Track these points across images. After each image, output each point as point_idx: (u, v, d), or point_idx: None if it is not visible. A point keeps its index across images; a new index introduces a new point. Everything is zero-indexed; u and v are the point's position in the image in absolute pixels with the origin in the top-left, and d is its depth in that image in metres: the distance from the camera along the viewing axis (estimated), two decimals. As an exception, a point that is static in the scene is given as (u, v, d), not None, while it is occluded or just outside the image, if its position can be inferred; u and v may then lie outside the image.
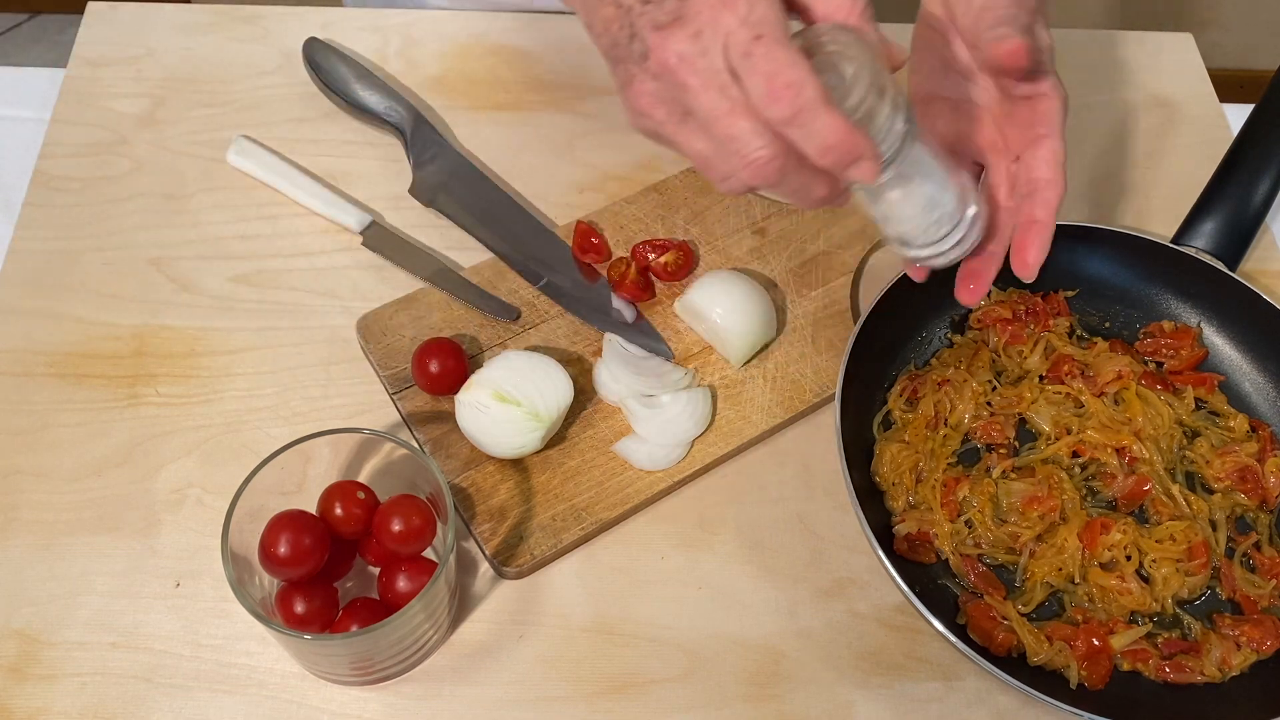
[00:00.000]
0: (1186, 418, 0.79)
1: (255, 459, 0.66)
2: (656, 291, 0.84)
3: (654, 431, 0.76)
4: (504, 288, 0.83)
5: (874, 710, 0.69)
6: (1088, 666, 0.69)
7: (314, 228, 0.87)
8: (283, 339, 0.81)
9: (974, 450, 0.78)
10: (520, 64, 0.98)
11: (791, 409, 0.79)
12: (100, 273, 0.83)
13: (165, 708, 0.67)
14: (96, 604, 0.70)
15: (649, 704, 0.69)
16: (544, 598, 0.72)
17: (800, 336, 0.83)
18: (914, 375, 0.80)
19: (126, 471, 0.75)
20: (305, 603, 0.66)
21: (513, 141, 0.93)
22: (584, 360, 0.80)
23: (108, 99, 0.92)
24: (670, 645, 0.71)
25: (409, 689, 0.69)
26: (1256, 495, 0.76)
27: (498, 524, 0.73)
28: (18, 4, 2.31)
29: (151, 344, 0.80)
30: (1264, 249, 0.91)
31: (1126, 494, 0.75)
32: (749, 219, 0.88)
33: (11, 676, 0.67)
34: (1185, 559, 0.72)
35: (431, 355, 0.76)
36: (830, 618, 0.72)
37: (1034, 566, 0.72)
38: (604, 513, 0.74)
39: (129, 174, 0.88)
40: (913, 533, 0.73)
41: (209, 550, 0.71)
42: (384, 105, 0.90)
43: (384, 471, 0.70)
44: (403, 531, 0.66)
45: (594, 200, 0.90)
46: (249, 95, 0.94)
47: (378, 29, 0.99)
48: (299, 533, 0.64)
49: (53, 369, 0.79)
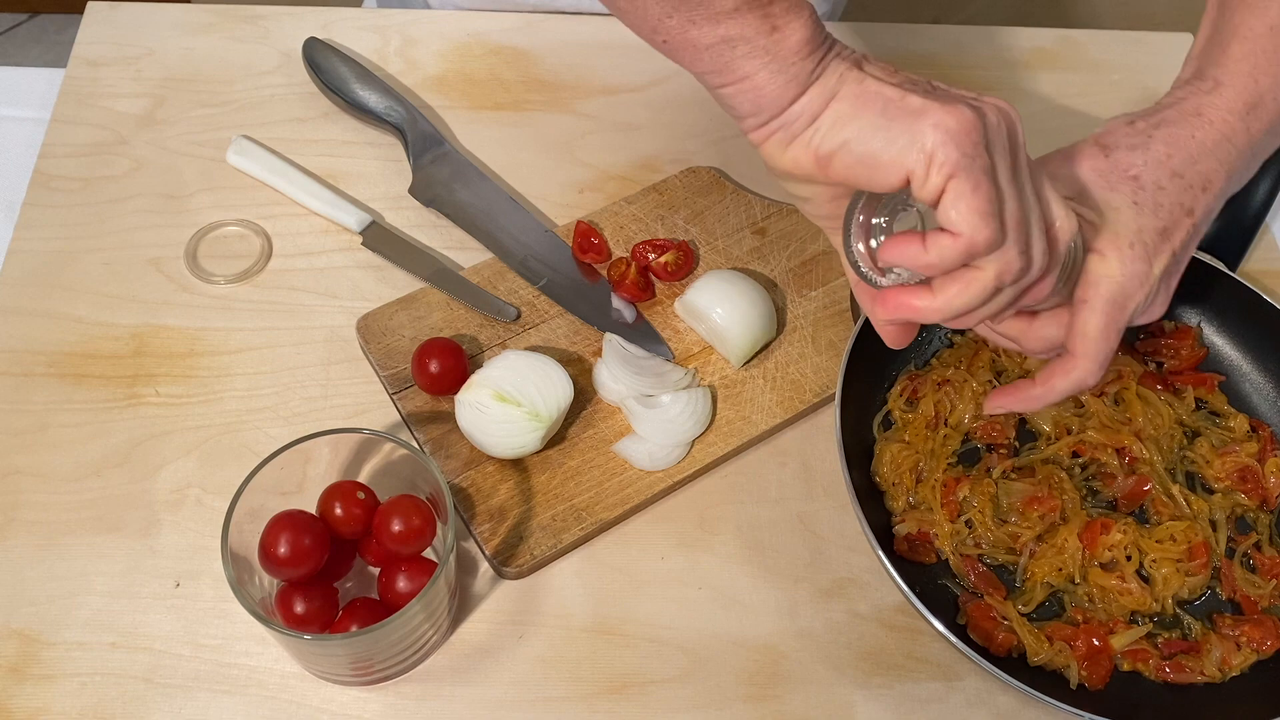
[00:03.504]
0: (1187, 418, 0.79)
1: (255, 459, 0.66)
2: (656, 291, 0.84)
3: (654, 431, 0.76)
4: (504, 288, 0.83)
5: (874, 710, 0.69)
6: (1088, 666, 0.69)
7: (314, 228, 0.87)
8: (282, 339, 0.81)
9: (974, 450, 0.78)
10: (520, 64, 0.98)
11: (791, 409, 0.79)
12: (100, 273, 0.83)
13: (165, 708, 0.67)
14: (96, 604, 0.70)
15: (649, 704, 0.69)
16: (544, 598, 0.72)
17: (800, 336, 0.83)
18: (914, 375, 0.80)
19: (126, 471, 0.75)
20: (305, 603, 0.66)
21: (513, 141, 0.93)
22: (584, 360, 0.80)
23: (108, 99, 0.92)
24: (670, 645, 0.71)
25: (409, 689, 0.69)
26: (1256, 495, 0.76)
27: (498, 524, 0.73)
28: (17, 4, 2.31)
29: (151, 344, 0.80)
30: (1264, 249, 0.91)
31: (1127, 494, 0.75)
32: (749, 219, 0.88)
33: (11, 676, 0.67)
34: (1185, 559, 0.72)
35: (431, 355, 0.76)
36: (830, 618, 0.72)
37: (1034, 566, 0.72)
38: (604, 513, 0.74)
39: (129, 174, 0.88)
40: (913, 533, 0.73)
41: (209, 550, 0.71)
42: (384, 105, 0.90)
43: (384, 471, 0.70)
44: (403, 531, 0.66)
45: (594, 200, 0.90)
46: (249, 95, 0.94)
47: (377, 29, 0.99)
48: (299, 533, 0.64)
49: (52, 369, 0.79)
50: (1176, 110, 0.64)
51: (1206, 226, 0.64)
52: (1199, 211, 0.62)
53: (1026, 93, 1.00)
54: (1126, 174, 0.61)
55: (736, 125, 0.55)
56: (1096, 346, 0.60)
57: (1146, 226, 0.60)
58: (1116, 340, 0.61)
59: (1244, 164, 0.63)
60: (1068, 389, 0.61)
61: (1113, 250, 0.60)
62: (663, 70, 0.97)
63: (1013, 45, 1.03)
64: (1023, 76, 1.01)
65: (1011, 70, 1.01)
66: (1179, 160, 0.62)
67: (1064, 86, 1.01)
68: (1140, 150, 0.62)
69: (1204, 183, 0.62)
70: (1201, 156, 0.62)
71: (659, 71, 0.97)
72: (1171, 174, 0.61)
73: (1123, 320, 0.60)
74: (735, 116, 0.54)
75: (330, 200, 0.86)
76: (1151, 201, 0.61)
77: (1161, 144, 0.62)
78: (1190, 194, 0.62)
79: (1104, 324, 0.60)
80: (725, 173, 0.91)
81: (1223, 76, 0.63)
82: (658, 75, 0.97)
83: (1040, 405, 0.63)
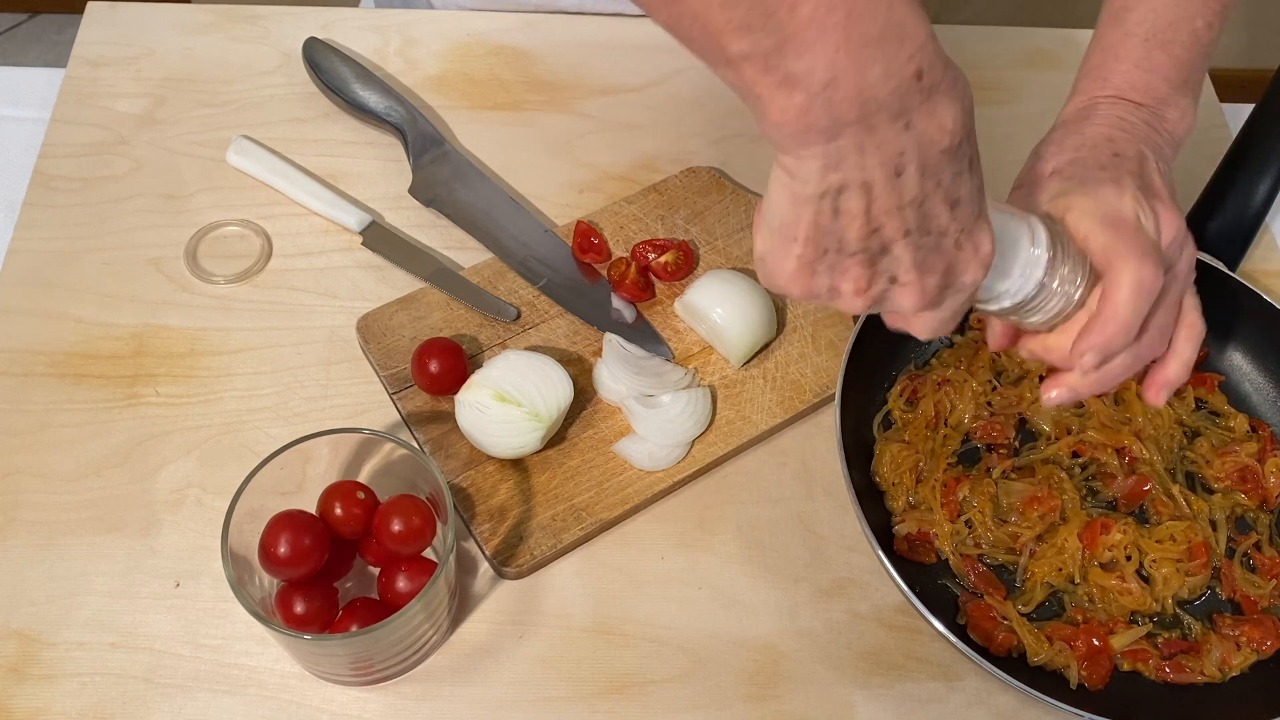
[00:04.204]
0: (1187, 418, 0.79)
1: (255, 459, 0.66)
2: (656, 291, 0.84)
3: (654, 431, 0.76)
4: (504, 288, 0.83)
5: (874, 710, 0.69)
6: (1088, 666, 0.69)
7: (314, 228, 0.87)
8: (282, 339, 0.81)
9: (974, 450, 0.78)
10: (520, 64, 0.98)
11: (791, 409, 0.79)
12: (100, 273, 0.83)
13: (165, 708, 0.67)
14: (96, 604, 0.70)
15: (649, 704, 0.69)
16: (544, 598, 0.72)
17: (800, 336, 0.83)
18: (914, 375, 0.80)
19: (126, 471, 0.75)
20: (305, 603, 0.66)
21: (513, 141, 0.93)
22: (584, 360, 0.80)
23: (108, 99, 0.92)
24: (670, 645, 0.71)
25: (409, 689, 0.69)
26: (1256, 495, 0.76)
27: (498, 524, 0.73)
28: (18, 4, 2.31)
29: (151, 344, 0.80)
30: (1264, 249, 0.91)
31: (1127, 494, 0.75)
32: (749, 219, 0.88)
33: (11, 676, 0.67)
34: (1185, 559, 0.72)
35: (431, 355, 0.76)
36: (830, 618, 0.72)
37: (1034, 566, 0.72)
38: (604, 513, 0.74)
39: (129, 174, 0.88)
40: (913, 533, 0.73)
41: (209, 550, 0.71)
42: (384, 105, 0.90)
43: (384, 471, 0.70)
44: (403, 531, 0.66)
45: (594, 200, 0.90)
46: (249, 95, 0.94)
47: (377, 29, 0.99)
48: (299, 533, 0.64)
49: (52, 369, 0.79)
50: (1050, 132, 0.70)
51: (1160, 171, 0.66)
52: (1126, 151, 0.66)
53: (1026, 93, 1.00)
54: (1042, 177, 0.66)
55: (739, 125, 0.55)
56: (1124, 246, 0.59)
57: (1089, 177, 0.64)
58: (1142, 239, 0.60)
59: (1141, 135, 0.68)
60: (1131, 296, 0.58)
61: (1076, 197, 0.62)
62: (663, 70, 0.97)
63: (1013, 45, 1.03)
64: (1023, 76, 1.01)
65: (1011, 70, 1.01)
66: (1070, 146, 0.67)
67: (1064, 86, 0.99)
68: (1035, 165, 0.67)
69: (1107, 141, 0.66)
70: (1089, 134, 0.67)
71: (659, 71, 0.97)
72: (1073, 150, 0.66)
73: (1128, 222, 0.60)
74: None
75: (330, 200, 0.86)
76: (1077, 170, 0.65)
77: (1047, 148, 0.68)
78: (1100, 150, 0.66)
79: (1113, 230, 0.59)
80: (725, 173, 0.91)
81: (1081, 85, 0.72)
82: (658, 75, 0.97)
83: (1122, 331, 0.59)
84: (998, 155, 0.56)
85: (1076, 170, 0.65)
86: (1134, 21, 0.70)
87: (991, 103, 0.98)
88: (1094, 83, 0.71)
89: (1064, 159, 0.66)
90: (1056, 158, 0.67)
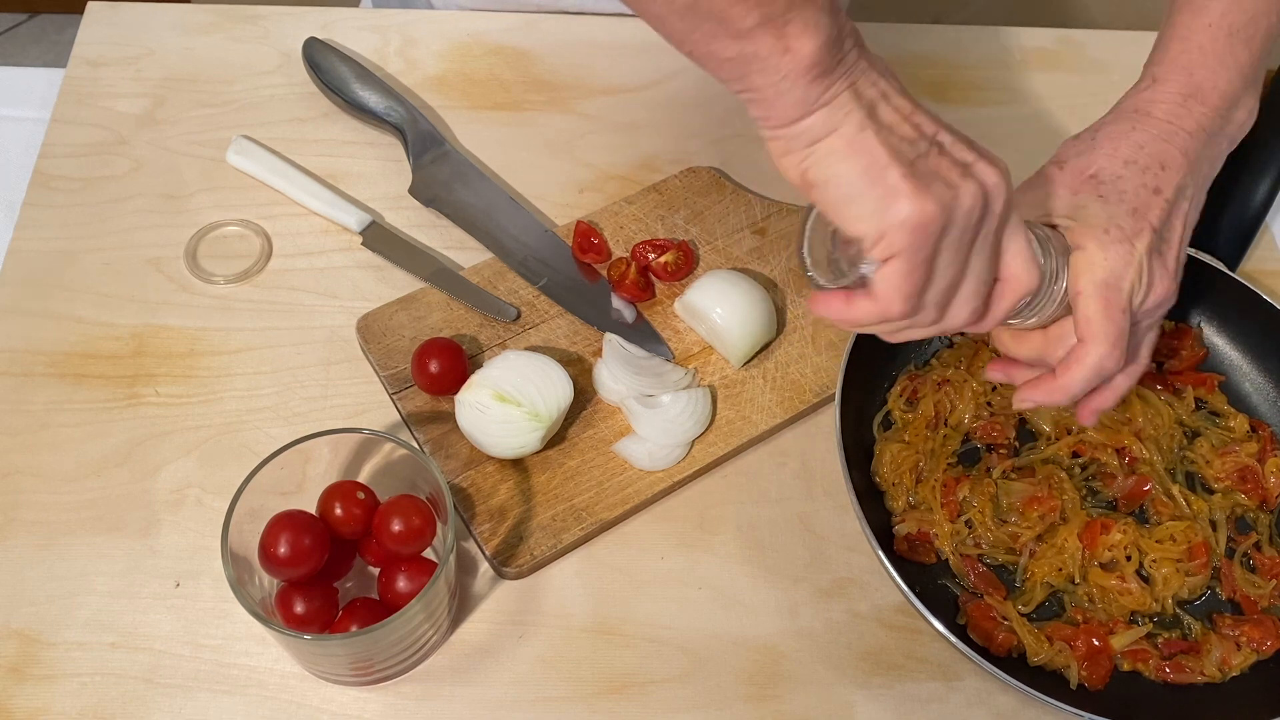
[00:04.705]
0: (1187, 418, 0.79)
1: (255, 459, 0.66)
2: (656, 291, 0.84)
3: (654, 431, 0.76)
4: (504, 288, 0.83)
5: (874, 710, 0.69)
6: (1088, 666, 0.69)
7: (314, 228, 0.87)
8: (282, 339, 0.81)
9: (974, 450, 0.78)
10: (520, 64, 0.98)
11: (791, 409, 0.79)
12: (100, 273, 0.83)
13: (165, 708, 0.67)
14: (96, 604, 0.70)
15: (649, 704, 0.69)
16: (544, 598, 0.72)
17: (800, 336, 0.83)
18: (914, 375, 0.80)
19: (126, 471, 0.75)
20: (305, 603, 0.66)
21: (513, 141, 0.93)
22: (584, 360, 0.80)
23: (107, 99, 0.92)
24: (670, 645, 0.71)
25: (409, 689, 0.69)
26: (1256, 495, 0.76)
27: (498, 524, 0.73)
28: (18, 4, 2.31)
29: (151, 344, 0.80)
30: (1264, 249, 0.91)
31: (1127, 494, 0.75)
32: (749, 219, 0.88)
33: (11, 676, 0.67)
34: (1185, 559, 0.72)
35: (431, 355, 0.76)
36: (830, 618, 0.72)
37: (1034, 566, 0.72)
38: (604, 513, 0.74)
39: (129, 174, 0.88)
40: (913, 533, 0.73)
41: (209, 550, 0.71)
42: (384, 105, 0.90)
43: (384, 471, 0.70)
44: (403, 531, 0.66)
45: (594, 200, 0.90)
46: (249, 95, 0.94)
47: (377, 29, 0.99)
48: (299, 533, 0.64)
49: (52, 369, 0.79)
50: (1115, 113, 0.69)
51: (1191, 205, 0.67)
52: (1167, 189, 0.65)
53: (1026, 93, 1.00)
54: (1084, 176, 0.66)
55: (739, 125, 0.57)
56: (1100, 327, 0.63)
57: (1116, 212, 0.64)
58: (1122, 320, 0.63)
59: (1202, 146, 0.67)
60: (1087, 375, 0.64)
61: (1090, 240, 0.63)
62: (663, 70, 0.97)
63: (1013, 45, 1.03)
64: (1023, 76, 1.01)
65: (1011, 70, 1.01)
66: (1126, 150, 0.66)
67: (1064, 86, 1.01)
68: (1088, 154, 0.67)
69: (1160, 163, 0.66)
70: (1148, 143, 0.66)
71: (659, 71, 0.97)
72: (1124, 162, 0.66)
73: (1119, 299, 0.63)
74: (750, 115, 0.57)
75: (330, 200, 0.86)
76: (1114, 191, 0.65)
77: (1105, 141, 0.67)
78: (1149, 174, 0.65)
79: (1101, 305, 0.63)
80: (725, 173, 0.91)
81: (1159, 73, 0.69)
82: (658, 75, 0.97)
83: (1066, 397, 0.65)
84: (998, 155, 0.57)
85: (1111, 194, 0.65)
86: (1217, 13, 0.68)
87: (991, 103, 0.99)
88: (1175, 72, 0.68)
89: (1113, 167, 0.66)
90: (1110, 159, 0.66)
